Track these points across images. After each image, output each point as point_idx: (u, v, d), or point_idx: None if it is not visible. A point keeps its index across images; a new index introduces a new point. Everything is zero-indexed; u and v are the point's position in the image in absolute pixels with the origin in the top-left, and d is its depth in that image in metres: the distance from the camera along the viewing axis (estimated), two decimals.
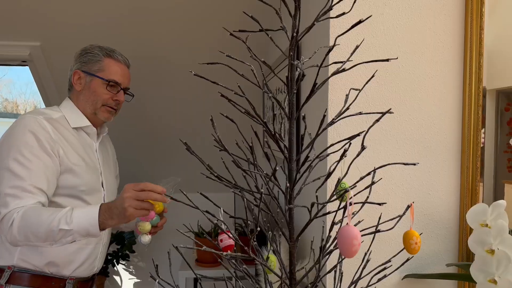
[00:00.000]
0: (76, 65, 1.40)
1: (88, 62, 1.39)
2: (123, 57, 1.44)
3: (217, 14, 1.97)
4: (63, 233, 1.14)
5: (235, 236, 0.73)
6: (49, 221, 1.14)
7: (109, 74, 1.39)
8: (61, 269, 1.32)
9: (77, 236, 1.16)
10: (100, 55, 1.39)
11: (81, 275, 1.37)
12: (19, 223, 1.15)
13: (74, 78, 1.39)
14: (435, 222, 1.13)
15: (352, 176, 0.88)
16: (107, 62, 1.39)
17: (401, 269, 1.08)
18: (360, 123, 1.08)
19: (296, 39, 0.65)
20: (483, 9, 1.08)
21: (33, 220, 1.16)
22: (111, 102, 1.40)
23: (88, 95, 1.38)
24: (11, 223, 1.16)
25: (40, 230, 1.15)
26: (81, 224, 1.15)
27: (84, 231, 1.15)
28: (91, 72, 1.38)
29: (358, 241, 0.55)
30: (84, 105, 1.39)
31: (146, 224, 1.31)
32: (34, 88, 5.29)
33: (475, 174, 1.11)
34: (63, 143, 1.30)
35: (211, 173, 0.72)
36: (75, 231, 1.14)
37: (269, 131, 0.67)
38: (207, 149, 1.21)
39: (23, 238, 1.16)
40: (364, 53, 1.07)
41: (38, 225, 1.15)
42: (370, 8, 1.09)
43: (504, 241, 0.88)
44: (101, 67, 1.38)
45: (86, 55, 1.40)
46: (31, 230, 1.15)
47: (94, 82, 1.38)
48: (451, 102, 1.12)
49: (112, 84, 1.39)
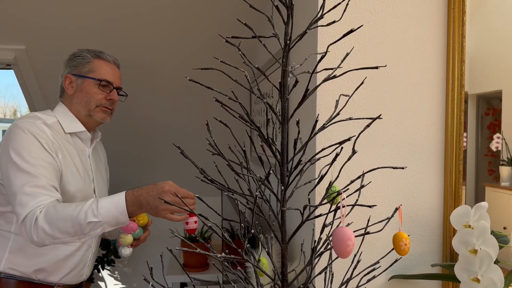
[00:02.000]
0: (66, 70, 1.39)
1: (78, 65, 1.38)
2: (112, 57, 1.43)
3: (206, 19, 1.98)
4: (92, 225, 1.11)
5: (228, 239, 0.75)
6: (75, 215, 1.11)
7: (100, 74, 1.38)
8: (49, 275, 1.30)
9: (106, 226, 1.13)
10: (89, 56, 1.38)
11: (69, 282, 1.35)
12: (43, 221, 1.11)
13: (66, 82, 1.38)
14: (420, 224, 1.16)
15: (340, 179, 0.91)
16: (97, 63, 1.38)
17: (388, 270, 1.11)
18: (348, 128, 1.11)
19: (288, 46, 0.67)
20: (465, 18, 1.13)
21: (59, 216, 1.12)
22: (105, 102, 1.38)
23: (81, 97, 1.37)
24: (34, 222, 1.11)
25: (67, 225, 1.11)
26: (110, 213, 1.12)
27: (113, 221, 1.12)
28: (82, 74, 1.37)
29: (352, 242, 0.57)
30: (78, 108, 1.37)
31: (128, 237, 1.30)
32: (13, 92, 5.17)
33: (458, 177, 1.14)
34: (60, 148, 1.29)
35: (205, 176, 0.74)
36: (104, 222, 1.11)
37: (262, 135, 0.69)
38: (196, 153, 1.23)
39: (50, 236, 1.12)
40: (351, 60, 1.10)
41: (64, 220, 1.11)
42: (358, 17, 1.12)
43: (486, 241, 0.91)
44: (91, 68, 1.37)
45: (75, 59, 1.39)
46: (58, 227, 1.11)
47: (85, 84, 1.37)
48: (435, 107, 1.16)
49: (104, 83, 1.38)
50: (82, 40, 1.98)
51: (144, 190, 1.15)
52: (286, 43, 0.66)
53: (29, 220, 1.12)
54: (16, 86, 2.37)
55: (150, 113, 2.42)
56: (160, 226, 1.49)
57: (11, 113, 3.97)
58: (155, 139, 2.53)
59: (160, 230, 1.50)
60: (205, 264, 2.33)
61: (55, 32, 1.98)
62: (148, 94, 2.32)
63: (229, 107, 0.74)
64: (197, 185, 1.68)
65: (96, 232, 1.13)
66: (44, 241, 1.13)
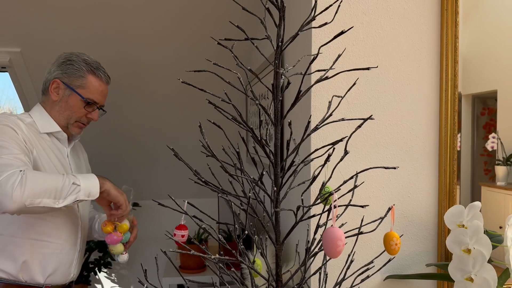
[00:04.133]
0: (56, 73, 1.36)
1: (71, 74, 1.35)
2: (105, 76, 1.42)
3: (200, 22, 1.98)
4: (73, 188, 1.16)
5: (222, 240, 0.75)
6: (60, 177, 1.16)
7: (90, 93, 1.37)
8: (34, 275, 1.29)
9: (81, 194, 1.17)
10: (84, 70, 1.36)
11: (57, 282, 1.35)
12: (28, 179, 1.10)
13: (52, 86, 1.36)
14: (414, 223, 1.17)
15: (334, 179, 0.91)
16: (90, 80, 1.37)
17: (383, 270, 1.12)
18: (341, 128, 1.11)
19: (281, 48, 0.67)
20: (458, 19, 1.13)
21: (44, 175, 1.15)
22: (84, 119, 1.39)
23: (64, 108, 1.36)
24: (18, 178, 1.08)
25: (51, 183, 1.13)
26: (86, 184, 1.19)
27: (87, 191, 1.19)
28: (72, 86, 1.35)
29: (342, 242, 0.57)
30: (58, 116, 1.37)
31: (117, 246, 1.35)
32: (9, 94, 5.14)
33: (452, 177, 1.15)
34: (36, 145, 1.28)
35: (199, 178, 0.74)
36: (82, 188, 1.18)
37: (256, 137, 0.69)
38: (190, 155, 1.23)
39: (31, 194, 1.09)
40: (344, 61, 1.11)
41: (50, 179, 1.14)
42: (351, 18, 1.12)
43: (480, 241, 0.92)
44: (82, 84, 1.36)
45: (69, 66, 1.36)
46: (43, 185, 1.11)
47: (72, 98, 1.36)
48: (429, 108, 1.17)
49: (90, 103, 1.37)
50: (77, 43, 1.98)
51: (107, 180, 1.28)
52: (278, 45, 0.66)
53: (11, 177, 1.09)
54: (11, 88, 2.37)
55: (144, 116, 2.42)
56: (156, 229, 1.50)
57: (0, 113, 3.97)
58: (148, 142, 2.54)
59: (156, 232, 1.51)
60: (202, 266, 2.32)
61: (50, 35, 1.97)
62: (141, 96, 2.32)
63: (222, 109, 0.75)
64: (193, 187, 1.68)
65: (71, 199, 1.16)
66: (24, 199, 1.08)
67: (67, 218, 1.35)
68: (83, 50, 1.44)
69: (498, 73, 1.30)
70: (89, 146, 1.64)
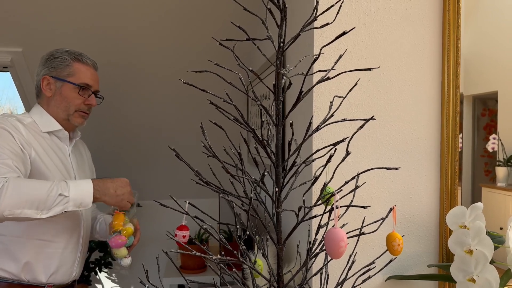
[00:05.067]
0: (44, 70, 1.37)
1: (57, 67, 1.36)
2: (91, 60, 1.42)
3: (201, 22, 1.98)
4: (60, 200, 1.12)
5: (224, 241, 0.75)
6: (46, 187, 1.12)
7: (80, 78, 1.37)
8: (37, 274, 1.29)
9: (70, 205, 1.14)
10: (68, 59, 1.37)
11: (59, 281, 1.35)
12: (12, 187, 1.07)
13: (43, 84, 1.37)
14: (416, 224, 1.16)
15: (335, 180, 0.91)
16: (77, 67, 1.38)
17: (384, 270, 1.11)
18: (342, 128, 1.11)
19: (282, 49, 0.67)
20: (459, 20, 1.13)
21: (28, 185, 1.11)
22: (83, 107, 1.39)
23: (60, 100, 1.36)
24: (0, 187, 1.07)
25: (36, 193, 1.10)
26: (78, 193, 1.15)
27: (79, 201, 1.15)
28: (61, 77, 1.36)
29: (345, 243, 0.57)
30: (56, 111, 1.37)
31: (121, 250, 1.35)
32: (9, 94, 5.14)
33: (454, 178, 1.15)
34: (35, 146, 1.28)
35: (200, 179, 0.74)
36: (71, 199, 1.14)
37: (257, 137, 0.69)
38: (191, 155, 1.23)
39: (14, 204, 1.07)
40: (346, 61, 1.11)
41: (34, 188, 1.11)
42: (352, 18, 1.12)
43: (482, 242, 0.92)
44: (70, 72, 1.37)
45: (53, 60, 1.37)
46: (25, 195, 1.09)
47: (65, 88, 1.36)
48: (430, 108, 1.16)
49: (84, 88, 1.38)
50: (77, 43, 1.98)
51: (109, 181, 1.25)
52: (280, 45, 0.66)
53: None
54: (11, 88, 2.38)
55: (144, 116, 2.42)
56: (156, 229, 1.50)
57: None
58: (148, 142, 2.54)
59: (156, 233, 1.51)
60: (202, 266, 2.32)
61: (51, 35, 1.98)
62: (141, 97, 2.32)
63: (223, 109, 0.75)
64: (194, 187, 1.68)
65: (58, 210, 1.13)
66: (2, 209, 1.07)
67: (69, 217, 1.35)
68: (84, 50, 1.45)
69: (499, 74, 1.30)
70: (89, 146, 1.64)
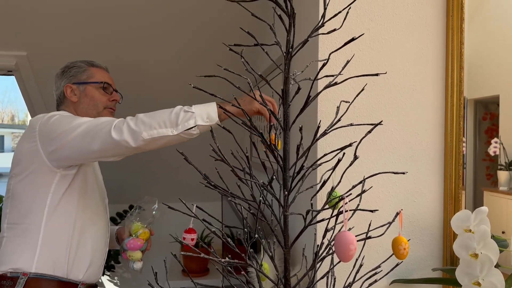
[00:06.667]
0: (63, 82, 1.43)
1: (76, 74, 1.43)
2: (104, 65, 1.50)
3: (208, 27, 2.00)
4: (185, 114, 1.13)
5: (232, 243, 0.75)
6: (167, 110, 1.15)
7: (99, 78, 1.45)
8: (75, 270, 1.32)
9: (199, 119, 1.13)
10: (84, 65, 1.45)
11: (90, 279, 1.37)
12: (132, 120, 1.14)
13: (67, 92, 1.42)
14: (420, 228, 1.17)
15: (342, 184, 0.92)
16: (93, 70, 1.45)
17: (389, 274, 1.12)
18: (348, 133, 1.12)
19: (290, 54, 0.68)
20: (463, 25, 1.14)
21: (146, 114, 1.16)
22: (110, 103, 1.45)
23: (87, 102, 1.42)
24: (130, 119, 1.14)
25: (159, 115, 1.14)
26: (201, 108, 1.15)
27: (205, 114, 1.14)
28: (82, 81, 1.42)
29: (355, 246, 0.58)
30: (86, 112, 1.42)
31: (136, 253, 1.38)
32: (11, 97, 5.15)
33: (458, 182, 1.15)
34: None
35: (208, 182, 0.74)
36: (197, 114, 1.13)
37: (265, 141, 0.70)
38: (197, 158, 1.23)
39: (147, 126, 1.13)
40: (350, 66, 1.12)
41: (157, 113, 1.15)
42: (357, 24, 1.13)
43: (487, 245, 0.92)
44: (89, 75, 1.44)
45: (70, 69, 1.44)
46: (153, 117, 1.14)
47: (88, 89, 1.43)
48: (434, 113, 1.17)
49: (105, 86, 1.44)
50: (82, 47, 2.00)
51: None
52: (288, 51, 0.67)
53: (121, 122, 1.15)
54: (14, 91, 2.40)
55: None
56: (160, 233, 1.51)
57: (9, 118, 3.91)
58: None
59: (160, 236, 1.52)
60: (205, 269, 2.33)
61: (56, 39, 1.99)
62: (150, 102, 2.32)
63: (232, 113, 0.75)
64: (197, 190, 1.68)
65: (188, 124, 1.13)
66: (141, 131, 1.12)
67: (102, 216, 1.42)
68: (88, 54, 1.48)
69: (500, 78, 1.31)
70: None
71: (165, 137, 1.13)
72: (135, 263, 1.38)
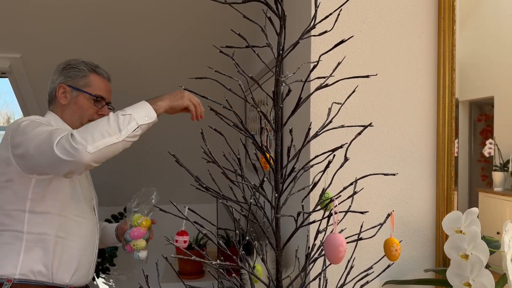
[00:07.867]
0: (60, 79, 1.40)
1: (74, 77, 1.40)
2: (106, 73, 1.47)
3: (200, 29, 2.00)
4: (124, 118, 1.15)
5: (223, 246, 0.75)
6: (103, 119, 1.16)
7: (96, 89, 1.41)
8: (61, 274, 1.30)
9: (139, 120, 1.16)
10: (85, 70, 1.41)
11: (79, 283, 1.37)
12: (79, 131, 1.13)
13: (59, 92, 1.39)
14: (412, 229, 1.17)
15: (334, 186, 0.92)
16: (93, 78, 1.41)
17: (382, 275, 1.12)
18: (340, 134, 1.13)
19: (281, 56, 0.68)
20: (455, 27, 1.15)
21: (87, 125, 1.16)
22: (96, 117, 1.41)
23: (74, 109, 1.40)
24: (71, 136, 1.11)
25: (98, 125, 1.14)
26: (136, 109, 1.17)
27: (142, 114, 1.17)
28: (77, 87, 1.39)
29: (344, 248, 0.58)
30: (70, 119, 1.40)
31: (140, 241, 1.38)
32: (6, 99, 5.13)
33: (450, 183, 1.16)
34: None
35: (200, 184, 0.74)
36: (134, 116, 1.16)
37: (256, 143, 0.70)
38: (190, 160, 1.23)
39: (90, 139, 1.11)
40: (342, 68, 1.12)
41: (97, 124, 1.15)
42: (349, 26, 1.14)
43: (477, 246, 0.93)
44: (87, 83, 1.40)
45: (71, 69, 1.40)
46: (92, 130, 1.13)
47: (80, 97, 1.40)
48: (426, 114, 1.18)
49: (98, 99, 1.41)
50: (77, 50, 1.99)
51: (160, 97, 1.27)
52: (279, 53, 0.67)
53: (64, 138, 1.11)
54: (9, 93, 2.38)
55: None
56: (155, 235, 1.50)
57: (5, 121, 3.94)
58: (149, 147, 2.54)
59: (155, 238, 1.52)
60: (200, 272, 2.32)
61: (50, 41, 1.99)
62: None
63: (223, 115, 0.76)
64: (192, 192, 1.67)
65: (131, 127, 1.14)
66: (85, 146, 1.10)
67: (88, 217, 1.40)
68: (83, 56, 1.46)
69: (495, 79, 1.31)
70: None
71: (111, 146, 1.13)
72: (140, 252, 1.37)
